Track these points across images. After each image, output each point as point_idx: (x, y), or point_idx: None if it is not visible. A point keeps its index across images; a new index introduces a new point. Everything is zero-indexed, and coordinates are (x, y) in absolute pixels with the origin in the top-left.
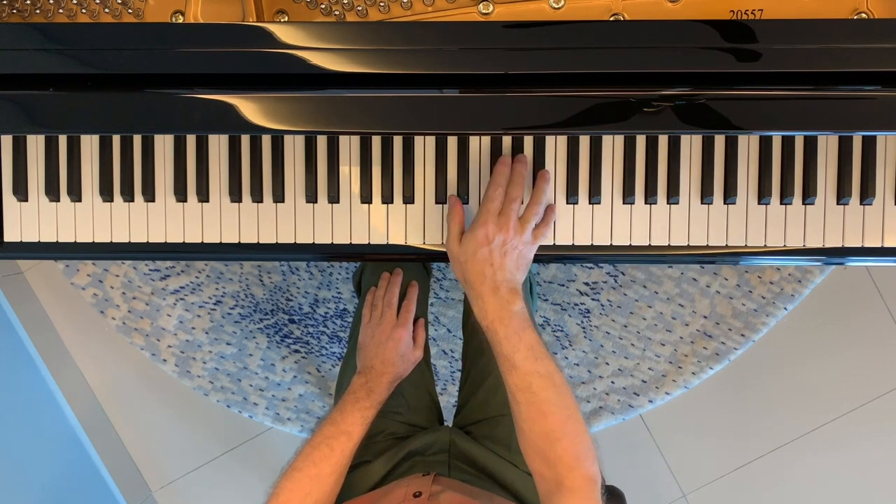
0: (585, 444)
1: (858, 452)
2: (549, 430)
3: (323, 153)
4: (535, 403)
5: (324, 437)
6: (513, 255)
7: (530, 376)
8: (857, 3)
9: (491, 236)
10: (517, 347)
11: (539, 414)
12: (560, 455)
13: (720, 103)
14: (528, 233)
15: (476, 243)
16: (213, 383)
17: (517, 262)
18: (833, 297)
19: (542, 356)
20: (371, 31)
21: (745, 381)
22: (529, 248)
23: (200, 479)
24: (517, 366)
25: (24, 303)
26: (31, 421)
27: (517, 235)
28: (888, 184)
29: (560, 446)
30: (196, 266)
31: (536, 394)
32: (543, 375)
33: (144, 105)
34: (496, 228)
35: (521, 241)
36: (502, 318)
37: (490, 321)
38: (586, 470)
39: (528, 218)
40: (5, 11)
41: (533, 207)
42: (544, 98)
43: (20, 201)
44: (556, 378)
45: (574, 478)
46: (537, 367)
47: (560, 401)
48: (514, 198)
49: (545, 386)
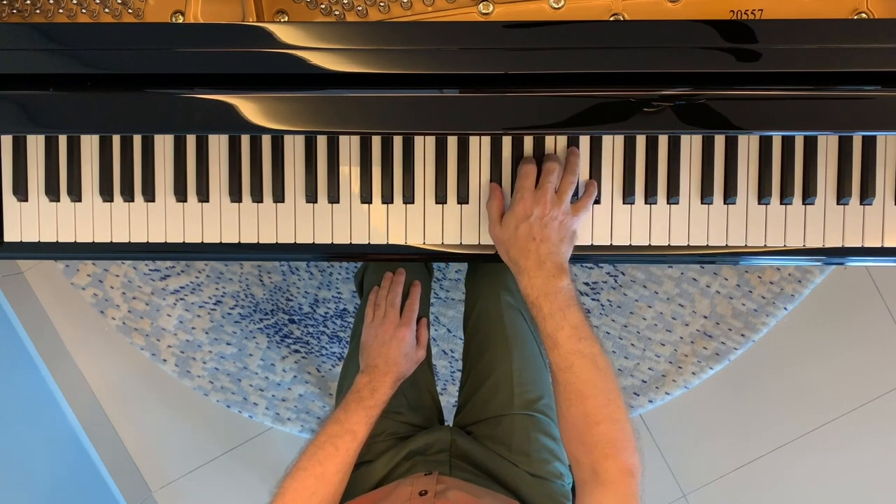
0: (624, 432)
1: (858, 452)
2: (587, 413)
3: (323, 153)
4: (574, 384)
5: (328, 436)
6: (553, 226)
7: (572, 356)
8: (857, 3)
9: (529, 210)
10: (561, 325)
11: (578, 395)
12: (596, 440)
13: (720, 103)
14: (567, 203)
15: (515, 219)
16: (213, 383)
17: (559, 233)
18: (833, 297)
19: (587, 336)
20: (371, 31)
21: (745, 381)
22: (571, 220)
23: (200, 479)
24: (560, 344)
25: (24, 303)
26: (31, 421)
27: (555, 207)
28: (888, 184)
29: (597, 430)
30: (196, 266)
31: (577, 374)
32: (586, 356)
33: (144, 105)
34: (533, 202)
35: (561, 212)
36: (547, 294)
37: (535, 297)
38: (623, 461)
39: (564, 189)
40: (5, 11)
41: (567, 177)
42: (544, 98)
43: (20, 201)
44: (599, 360)
45: (609, 468)
46: (580, 346)
47: (601, 384)
48: (550, 170)
49: (587, 367)
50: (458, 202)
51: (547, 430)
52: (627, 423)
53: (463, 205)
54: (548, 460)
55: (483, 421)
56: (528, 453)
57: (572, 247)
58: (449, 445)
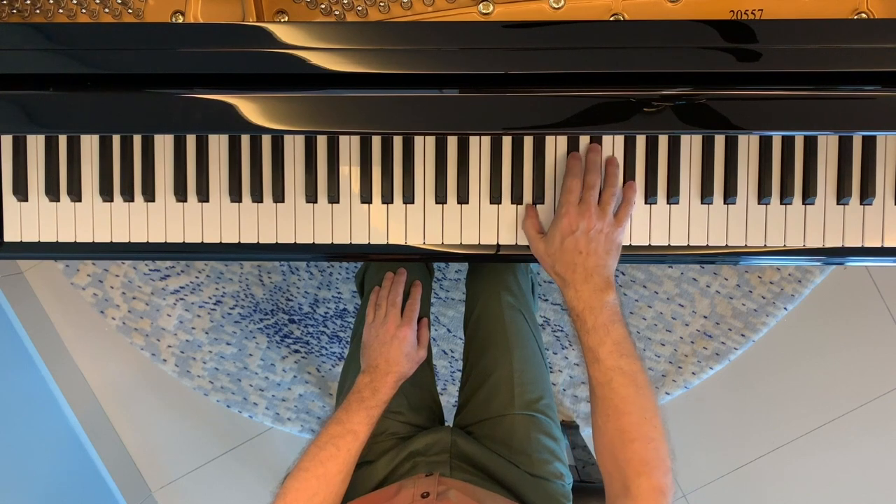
0: (658, 452)
1: (858, 452)
2: (622, 429)
3: (323, 153)
4: (612, 400)
5: (330, 436)
6: (599, 240)
7: (612, 371)
8: (857, 3)
9: (574, 224)
10: (603, 340)
11: (615, 411)
12: (629, 457)
13: (720, 103)
14: (611, 216)
15: (561, 234)
16: (213, 383)
17: (605, 245)
18: (833, 297)
19: (629, 353)
20: (371, 31)
21: (745, 381)
22: (616, 231)
23: (200, 479)
24: (601, 359)
25: (24, 303)
26: (31, 421)
27: (599, 220)
28: (888, 184)
29: (631, 448)
30: (196, 266)
31: (616, 390)
32: (626, 373)
33: (144, 105)
34: (578, 216)
35: (606, 224)
36: (593, 308)
37: (581, 310)
38: (656, 480)
39: (606, 201)
40: (5, 11)
41: (609, 190)
42: (544, 98)
43: (20, 201)
44: (639, 378)
45: (641, 485)
46: (621, 363)
47: (639, 401)
48: (592, 184)
49: (626, 384)
50: (458, 202)
51: (547, 430)
52: (663, 442)
53: (463, 205)
54: (548, 460)
55: (483, 421)
56: (529, 453)
57: (618, 258)
58: (449, 446)
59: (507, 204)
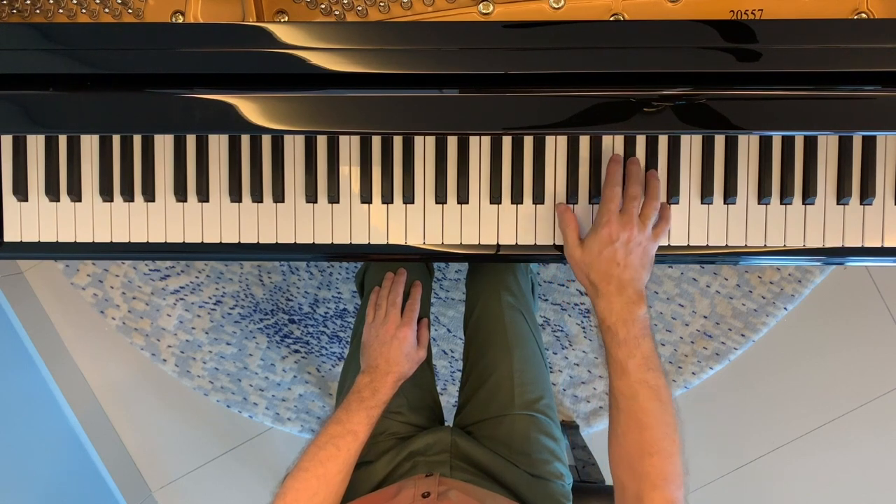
0: (675, 467)
1: (858, 452)
2: (643, 443)
3: (323, 153)
4: (636, 413)
5: (330, 436)
6: (637, 252)
7: (638, 385)
8: (857, 3)
9: (615, 235)
10: (633, 353)
11: (637, 424)
12: (648, 471)
13: (720, 103)
14: (649, 229)
15: (601, 243)
16: (213, 383)
17: (641, 259)
18: (833, 297)
19: (656, 368)
20: (371, 31)
21: (745, 381)
22: (652, 245)
23: (200, 479)
24: (628, 372)
25: (24, 303)
26: (31, 421)
27: (640, 232)
28: (888, 184)
29: (650, 462)
30: (196, 266)
31: (640, 404)
32: (652, 387)
33: (144, 105)
34: (619, 227)
35: (645, 238)
36: (625, 321)
37: (613, 322)
38: (670, 493)
39: (648, 214)
40: (5, 11)
41: (651, 202)
42: (544, 98)
43: (20, 201)
44: (663, 393)
45: (655, 498)
46: (647, 377)
47: (662, 417)
48: (635, 195)
49: (651, 398)
50: (458, 202)
51: (547, 430)
52: (679, 457)
53: (463, 205)
54: (548, 461)
55: (483, 421)
56: (529, 453)
57: (650, 272)
58: (449, 446)
59: (507, 204)
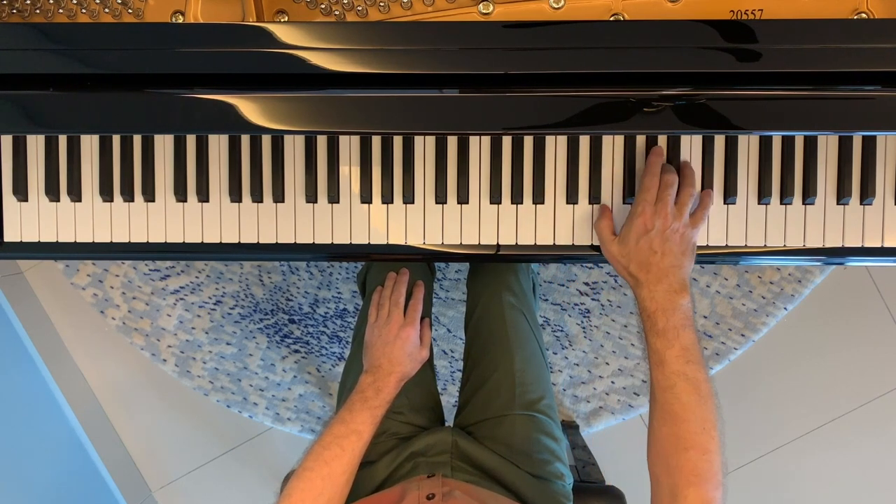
0: (711, 464)
1: (858, 452)
2: (678, 436)
3: (323, 153)
4: (672, 405)
5: (334, 436)
6: (675, 239)
7: (676, 377)
8: (857, 3)
9: (650, 224)
10: (672, 343)
11: (673, 417)
12: (682, 465)
13: (720, 103)
14: (687, 216)
15: (636, 233)
16: (213, 383)
17: (681, 245)
18: (833, 297)
19: (696, 360)
20: (371, 31)
21: (745, 381)
22: (692, 232)
23: (200, 479)
24: (666, 363)
25: (24, 303)
26: (31, 421)
27: (676, 220)
28: (888, 184)
29: (685, 456)
30: (196, 266)
31: (678, 396)
32: (690, 380)
33: (144, 105)
34: (654, 215)
35: (682, 224)
36: (665, 310)
37: (653, 310)
38: (706, 492)
39: (684, 201)
40: (5, 11)
41: (686, 189)
42: (544, 98)
43: (20, 201)
44: (702, 388)
45: (689, 496)
46: (686, 369)
47: (699, 411)
48: (670, 183)
49: (689, 391)
50: (458, 202)
51: (548, 430)
52: (718, 455)
53: (463, 205)
54: (549, 461)
55: (484, 421)
56: (530, 454)
57: (694, 260)
58: (450, 446)
59: (507, 204)
